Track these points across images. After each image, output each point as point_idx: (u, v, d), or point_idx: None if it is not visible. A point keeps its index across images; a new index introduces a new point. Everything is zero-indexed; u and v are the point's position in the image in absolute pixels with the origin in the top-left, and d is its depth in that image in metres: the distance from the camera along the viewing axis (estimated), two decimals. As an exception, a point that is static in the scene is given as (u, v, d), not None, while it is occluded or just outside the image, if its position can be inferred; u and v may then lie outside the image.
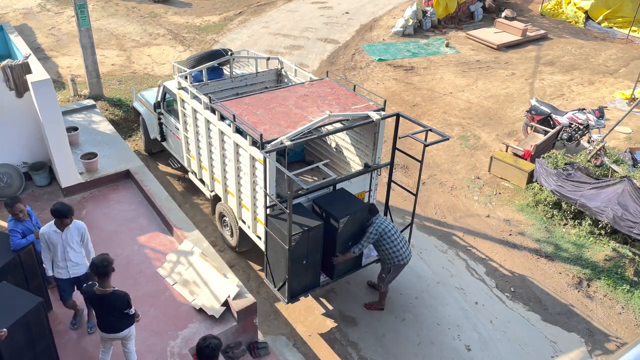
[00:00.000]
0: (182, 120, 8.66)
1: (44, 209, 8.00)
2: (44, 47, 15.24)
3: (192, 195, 9.70)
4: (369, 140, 7.65)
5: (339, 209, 6.77)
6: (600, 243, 8.93)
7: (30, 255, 5.98)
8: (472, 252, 8.83)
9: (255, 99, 7.65)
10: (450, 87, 14.24)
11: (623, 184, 8.64)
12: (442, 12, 18.22)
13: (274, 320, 7.50)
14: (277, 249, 6.66)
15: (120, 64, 14.56)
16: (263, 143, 6.46)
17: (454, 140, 11.83)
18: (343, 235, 6.81)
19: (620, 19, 18.80)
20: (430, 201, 9.97)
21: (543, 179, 9.63)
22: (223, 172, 7.86)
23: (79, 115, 10.23)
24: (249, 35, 16.81)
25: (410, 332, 7.37)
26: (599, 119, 10.95)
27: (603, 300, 8.08)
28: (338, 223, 6.65)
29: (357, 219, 6.85)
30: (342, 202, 6.97)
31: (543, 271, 8.53)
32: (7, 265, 5.69)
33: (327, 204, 6.87)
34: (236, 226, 8.02)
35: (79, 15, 11.12)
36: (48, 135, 7.89)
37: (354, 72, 14.75)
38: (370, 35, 17.28)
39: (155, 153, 10.71)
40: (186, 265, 6.99)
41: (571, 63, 16.02)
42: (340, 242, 6.83)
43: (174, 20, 18.00)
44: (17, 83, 7.77)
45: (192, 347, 6.04)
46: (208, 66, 8.67)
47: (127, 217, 8.05)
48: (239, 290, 6.45)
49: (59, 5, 18.51)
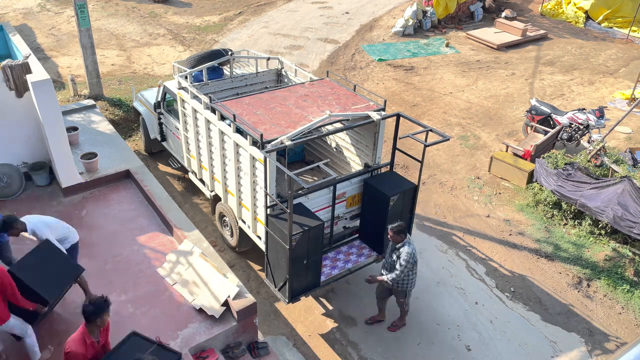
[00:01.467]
0: (182, 120, 8.66)
1: (44, 209, 8.00)
2: (44, 47, 15.24)
3: (192, 195, 9.70)
4: (369, 140, 7.65)
5: (390, 188, 7.26)
6: (600, 243, 8.93)
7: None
8: (472, 252, 8.83)
9: (256, 98, 7.66)
10: (450, 87, 14.24)
11: (623, 184, 8.64)
12: (442, 12, 18.22)
13: (274, 320, 7.50)
14: (278, 249, 6.66)
15: (120, 64, 14.56)
16: (263, 143, 6.46)
17: (454, 140, 11.83)
18: (393, 211, 7.23)
19: (620, 19, 18.80)
20: (430, 201, 9.97)
21: (543, 179, 9.63)
22: (223, 172, 7.86)
23: (79, 115, 10.22)
24: (249, 35, 16.81)
25: (410, 332, 7.37)
26: (599, 119, 10.96)
27: (603, 300, 8.08)
28: (389, 200, 7.12)
29: (405, 197, 7.39)
30: (391, 182, 7.48)
31: (543, 271, 8.53)
32: None
33: (378, 184, 7.37)
34: (236, 226, 8.02)
35: (79, 15, 11.12)
36: (48, 135, 7.89)
37: (354, 72, 14.75)
38: (370, 35, 17.28)
39: (155, 153, 10.71)
40: (186, 265, 6.99)
41: (571, 63, 16.03)
42: (390, 217, 7.21)
43: (174, 20, 18.00)
44: (17, 83, 7.77)
45: (192, 347, 6.05)
46: (208, 66, 8.67)
47: (127, 217, 8.05)
48: (239, 290, 6.45)
49: (59, 5, 18.51)
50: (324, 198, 7.28)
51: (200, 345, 6.11)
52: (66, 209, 8.08)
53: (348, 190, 7.50)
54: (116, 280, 6.86)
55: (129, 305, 6.52)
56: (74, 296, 6.41)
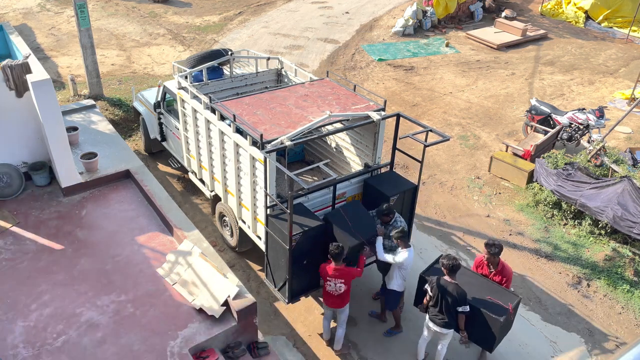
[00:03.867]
0: (182, 120, 8.66)
1: (43, 209, 8.01)
2: (44, 47, 15.24)
3: (192, 195, 9.70)
4: (369, 140, 7.65)
5: (390, 188, 7.29)
6: (600, 243, 8.93)
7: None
8: (472, 252, 8.83)
9: (256, 99, 7.65)
10: (450, 87, 14.24)
11: (623, 183, 8.64)
12: (442, 12, 18.22)
13: (274, 320, 7.50)
14: (278, 249, 6.66)
15: (120, 64, 14.56)
16: (263, 143, 6.46)
17: (454, 140, 11.83)
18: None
19: (620, 19, 18.80)
20: (430, 201, 9.97)
21: (543, 179, 9.62)
22: (223, 172, 7.86)
23: (79, 115, 10.22)
24: (249, 35, 16.81)
25: (411, 332, 7.37)
26: (599, 119, 10.96)
27: (603, 300, 8.08)
28: (389, 200, 7.11)
29: (405, 197, 7.41)
30: (391, 182, 7.50)
31: (543, 271, 8.53)
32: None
33: (378, 184, 7.38)
34: (236, 226, 8.02)
35: (79, 15, 11.12)
36: (48, 135, 7.89)
37: (354, 72, 14.75)
38: (370, 35, 17.28)
39: (155, 153, 10.71)
40: (186, 265, 6.98)
41: (571, 63, 16.03)
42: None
43: (173, 20, 18.00)
44: (17, 83, 7.76)
45: (192, 347, 6.05)
46: (208, 66, 8.67)
47: (127, 217, 8.05)
48: (239, 290, 6.44)
49: (59, 5, 18.51)
50: (324, 198, 7.28)
51: (200, 345, 6.10)
52: (66, 209, 8.08)
53: (348, 190, 7.49)
54: (116, 280, 6.86)
55: (129, 305, 6.52)
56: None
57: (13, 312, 6.33)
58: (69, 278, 6.84)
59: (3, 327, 6.14)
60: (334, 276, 6.42)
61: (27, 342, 5.98)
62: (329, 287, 6.54)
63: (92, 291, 6.66)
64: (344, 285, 6.47)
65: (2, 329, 6.12)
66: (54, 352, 5.89)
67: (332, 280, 6.45)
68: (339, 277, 6.41)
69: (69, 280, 6.81)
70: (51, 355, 5.85)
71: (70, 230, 7.64)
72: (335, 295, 6.57)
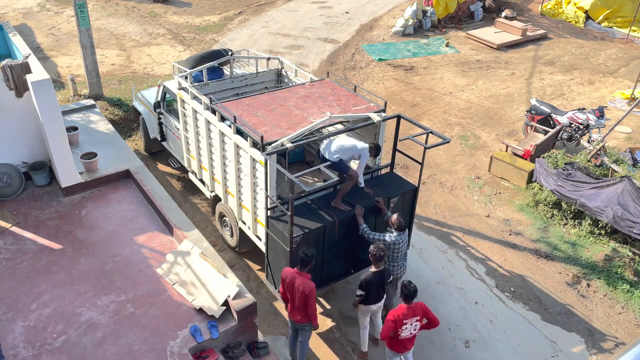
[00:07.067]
0: (182, 121, 8.66)
1: (43, 209, 8.01)
2: (44, 47, 15.23)
3: (192, 195, 9.70)
4: (370, 141, 7.64)
5: (390, 189, 7.30)
6: (600, 243, 8.93)
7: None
8: (471, 252, 8.84)
9: (256, 99, 7.65)
10: (450, 86, 14.24)
11: (623, 183, 8.64)
12: (442, 11, 18.22)
13: (274, 320, 7.51)
14: (278, 250, 6.66)
15: (120, 64, 14.55)
16: (264, 145, 6.45)
17: (454, 140, 11.83)
18: (393, 212, 7.10)
19: (620, 19, 18.81)
20: (430, 201, 9.97)
21: (543, 179, 9.63)
22: (223, 172, 7.86)
23: (79, 115, 10.22)
24: (248, 35, 16.81)
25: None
26: (599, 119, 10.96)
27: (603, 300, 8.08)
28: (389, 202, 7.14)
29: (405, 198, 7.39)
30: (392, 183, 7.49)
31: (543, 271, 8.54)
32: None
33: (378, 185, 7.39)
34: (236, 227, 8.02)
35: (79, 15, 11.12)
36: (48, 135, 7.89)
37: (354, 72, 14.75)
38: (370, 35, 17.28)
39: (155, 153, 10.71)
40: (186, 265, 6.99)
41: (571, 63, 16.03)
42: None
43: (173, 20, 18.00)
44: (17, 83, 7.76)
45: (192, 347, 6.06)
46: (208, 66, 8.66)
47: (127, 217, 8.05)
48: (238, 290, 6.45)
49: (59, 5, 18.51)
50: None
51: (200, 345, 6.11)
52: (66, 209, 8.08)
53: (348, 190, 7.49)
54: (116, 280, 6.86)
55: (129, 305, 6.52)
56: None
57: (13, 312, 6.33)
58: (69, 278, 6.84)
59: (3, 327, 6.14)
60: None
61: (27, 342, 5.98)
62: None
63: (92, 291, 6.66)
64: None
65: (2, 329, 6.12)
66: (54, 352, 5.89)
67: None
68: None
69: (69, 280, 6.81)
70: (51, 355, 5.85)
71: (70, 230, 7.64)
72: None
